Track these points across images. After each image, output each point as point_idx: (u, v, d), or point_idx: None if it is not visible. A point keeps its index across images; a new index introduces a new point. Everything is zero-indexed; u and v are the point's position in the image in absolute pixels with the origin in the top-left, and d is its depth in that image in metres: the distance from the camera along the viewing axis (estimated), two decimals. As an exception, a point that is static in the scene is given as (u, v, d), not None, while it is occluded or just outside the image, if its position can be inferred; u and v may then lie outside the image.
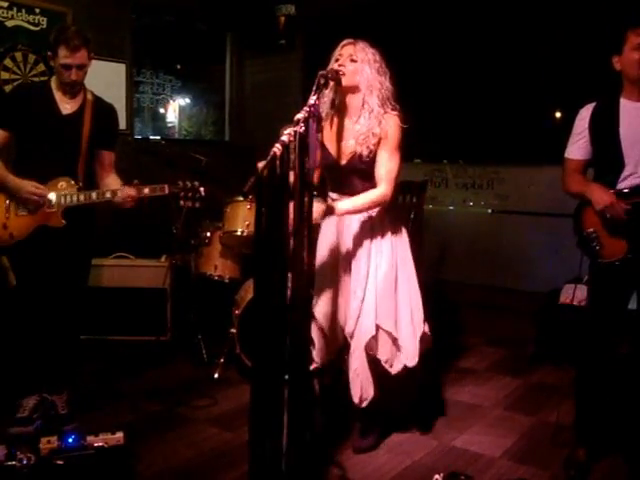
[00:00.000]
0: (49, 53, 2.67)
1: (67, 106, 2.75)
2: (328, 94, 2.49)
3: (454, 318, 4.56)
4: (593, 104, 2.46)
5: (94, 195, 2.76)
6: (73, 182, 2.77)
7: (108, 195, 2.75)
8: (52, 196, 2.72)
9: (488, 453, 2.69)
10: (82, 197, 2.74)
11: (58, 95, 2.75)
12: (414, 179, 3.96)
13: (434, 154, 5.09)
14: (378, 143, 2.45)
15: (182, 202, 2.94)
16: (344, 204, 2.45)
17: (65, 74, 2.65)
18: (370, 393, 2.58)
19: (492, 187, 4.82)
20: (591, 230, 2.43)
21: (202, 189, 2.92)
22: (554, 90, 4.38)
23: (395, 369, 2.60)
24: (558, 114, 4.59)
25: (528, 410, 3.14)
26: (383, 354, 2.58)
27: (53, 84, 2.76)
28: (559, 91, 4.33)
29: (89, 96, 2.81)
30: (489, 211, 4.89)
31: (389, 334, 2.56)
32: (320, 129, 2.46)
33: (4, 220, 2.71)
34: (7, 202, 2.72)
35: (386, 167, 2.45)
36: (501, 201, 4.79)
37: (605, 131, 2.39)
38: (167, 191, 2.83)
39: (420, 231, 3.84)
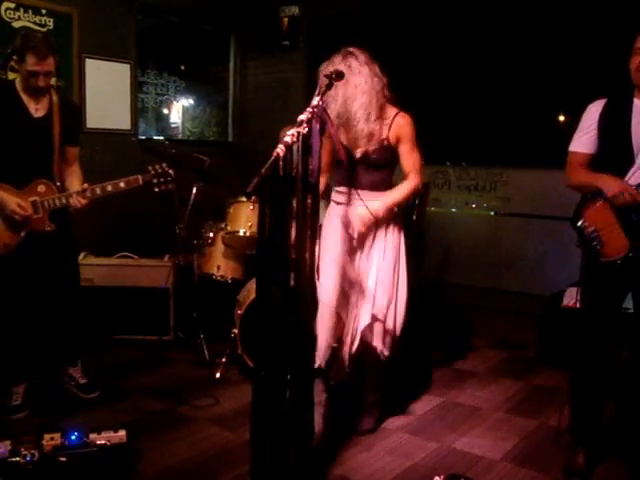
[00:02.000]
0: (14, 57, 2.70)
1: (36, 108, 2.80)
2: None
3: (456, 320, 4.55)
4: (604, 100, 2.49)
5: (77, 194, 2.81)
6: (52, 184, 2.83)
7: (98, 191, 2.82)
8: (35, 202, 2.79)
9: (489, 456, 2.70)
10: (64, 199, 2.81)
11: (25, 98, 2.78)
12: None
13: (437, 156, 5.08)
14: (386, 141, 2.62)
15: (156, 188, 2.97)
16: (386, 199, 2.63)
17: (32, 80, 2.69)
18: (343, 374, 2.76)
19: (495, 189, 4.82)
20: (592, 229, 2.43)
21: (171, 171, 2.96)
22: (558, 93, 4.37)
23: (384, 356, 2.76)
24: (562, 117, 4.59)
25: (529, 413, 3.14)
26: (378, 343, 2.73)
27: (19, 86, 2.78)
28: (563, 94, 4.33)
29: (54, 97, 2.86)
30: (492, 213, 4.88)
31: (383, 324, 2.70)
32: (327, 128, 2.49)
33: None
34: None
35: (411, 160, 2.67)
36: (504, 203, 4.78)
37: (616, 128, 2.41)
38: (141, 181, 2.89)
39: (422, 233, 3.84)
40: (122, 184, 2.85)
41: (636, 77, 2.36)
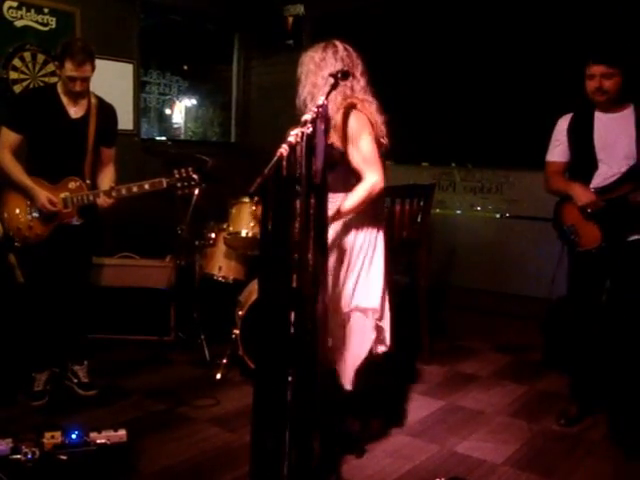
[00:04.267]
0: (56, 63, 2.94)
1: (74, 110, 2.99)
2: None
3: (460, 323, 4.54)
4: (570, 115, 2.95)
5: (105, 193, 2.98)
6: (82, 182, 3.01)
7: (124, 192, 2.98)
8: (66, 197, 2.96)
9: (490, 459, 2.68)
10: (92, 197, 2.98)
11: (65, 100, 2.97)
12: (422, 182, 3.96)
13: (442, 157, 5.05)
14: (329, 139, 2.40)
15: (179, 192, 3.14)
16: (345, 204, 2.43)
17: (70, 84, 2.89)
18: None
19: (501, 191, 4.79)
20: (570, 224, 2.91)
21: (196, 176, 3.09)
22: (564, 94, 4.35)
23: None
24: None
25: (532, 417, 3.11)
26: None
27: (60, 89, 2.98)
28: (569, 95, 4.31)
29: (93, 100, 3.05)
30: (497, 216, 4.86)
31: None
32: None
33: (29, 222, 2.96)
34: (29, 205, 2.96)
35: (359, 157, 2.42)
36: (510, 206, 4.76)
37: (582, 138, 2.86)
38: (165, 185, 3.03)
39: (427, 235, 3.83)
40: (147, 186, 2.99)
41: (593, 98, 2.81)
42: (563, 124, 2.96)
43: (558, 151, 2.98)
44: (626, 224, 2.79)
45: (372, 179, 2.40)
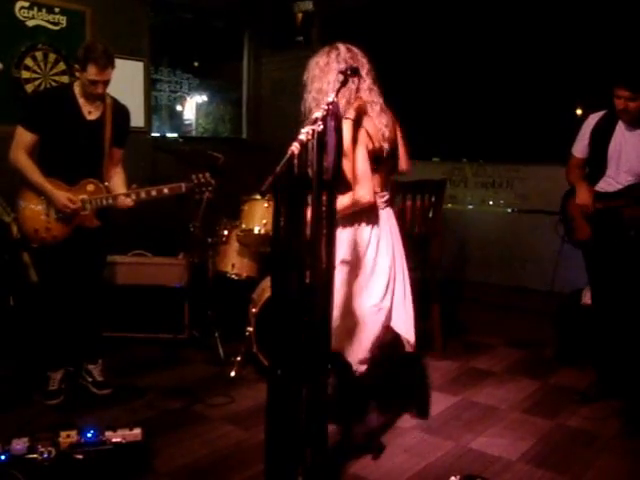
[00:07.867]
0: (76, 66, 2.89)
1: (91, 111, 2.98)
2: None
3: (473, 318, 4.52)
4: (601, 113, 3.02)
5: (125, 196, 3.00)
6: (100, 184, 3.01)
7: (143, 195, 2.99)
8: (84, 200, 2.96)
9: (505, 456, 2.67)
10: (111, 200, 2.97)
11: (82, 101, 2.96)
12: (433, 178, 3.94)
13: (453, 153, 5.03)
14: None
15: (197, 196, 3.20)
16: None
17: (91, 88, 2.88)
18: None
19: (512, 186, 4.77)
20: (570, 216, 3.18)
21: (213, 181, 3.14)
22: (576, 88, 4.31)
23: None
24: (579, 112, 4.52)
25: (547, 413, 3.10)
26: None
27: (76, 90, 2.96)
28: (581, 89, 4.27)
29: (108, 101, 3.03)
30: (509, 210, 4.83)
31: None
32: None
33: (46, 224, 2.95)
34: (47, 207, 2.95)
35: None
36: (521, 200, 4.73)
37: (600, 142, 2.99)
38: (184, 189, 3.05)
39: (439, 230, 3.81)
40: (166, 190, 3.01)
41: (619, 115, 2.91)
42: (591, 121, 3.06)
43: (580, 146, 3.11)
44: (615, 233, 2.99)
45: (354, 190, 2.38)
